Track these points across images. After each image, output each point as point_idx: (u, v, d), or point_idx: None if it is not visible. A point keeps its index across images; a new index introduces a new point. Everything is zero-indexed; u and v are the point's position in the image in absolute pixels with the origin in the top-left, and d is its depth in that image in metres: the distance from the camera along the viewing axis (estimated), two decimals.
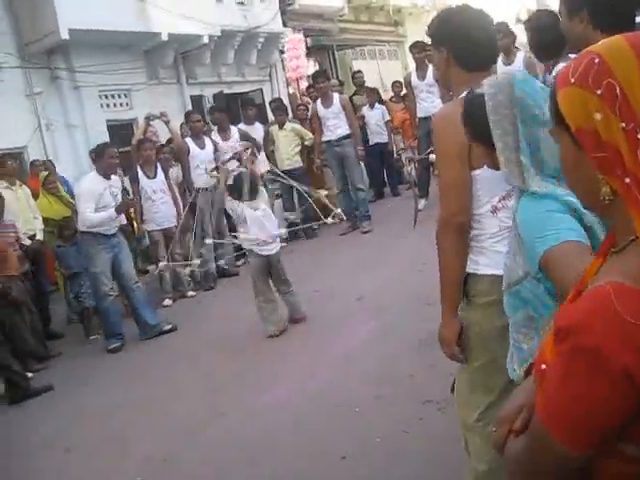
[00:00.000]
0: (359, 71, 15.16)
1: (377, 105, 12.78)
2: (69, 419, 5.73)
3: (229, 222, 9.20)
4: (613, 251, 1.24)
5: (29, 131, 11.31)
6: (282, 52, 16.45)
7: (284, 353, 6.17)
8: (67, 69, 11.81)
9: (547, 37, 4.14)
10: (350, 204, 10.66)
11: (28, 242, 7.97)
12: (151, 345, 7.33)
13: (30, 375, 6.73)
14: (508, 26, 7.82)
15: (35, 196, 8.69)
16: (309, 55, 16.92)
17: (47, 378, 6.72)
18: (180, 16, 12.57)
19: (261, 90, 16.03)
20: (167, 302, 8.79)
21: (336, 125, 10.34)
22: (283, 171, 10.76)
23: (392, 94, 14.33)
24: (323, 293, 7.58)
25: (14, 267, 7.11)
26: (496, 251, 2.55)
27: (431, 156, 7.02)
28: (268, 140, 10.77)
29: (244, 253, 7.64)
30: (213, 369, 6.17)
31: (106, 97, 12.67)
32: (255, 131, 10.52)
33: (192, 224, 8.41)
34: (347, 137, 10.37)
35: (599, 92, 1.14)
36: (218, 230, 9.35)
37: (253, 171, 7.07)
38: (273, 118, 11.65)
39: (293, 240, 9.24)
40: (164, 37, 12.77)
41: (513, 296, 2.14)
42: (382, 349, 5.64)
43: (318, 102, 10.60)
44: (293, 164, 10.81)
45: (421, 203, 9.55)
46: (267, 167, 10.19)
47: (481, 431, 2.71)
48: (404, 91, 12.33)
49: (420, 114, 10.36)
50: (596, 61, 1.16)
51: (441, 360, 3.01)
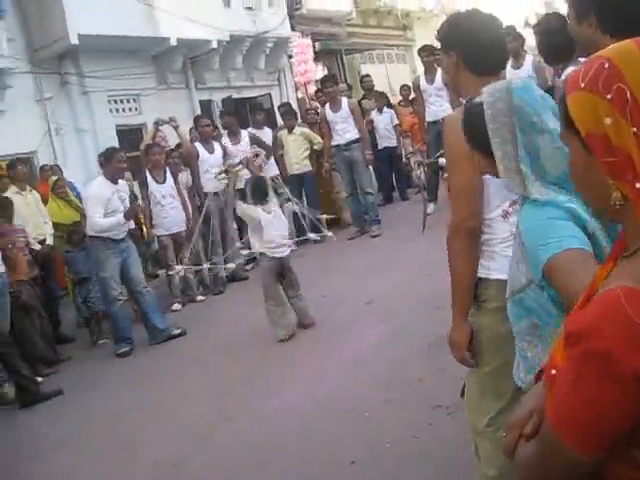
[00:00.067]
0: (367, 75, 15.16)
1: (385, 109, 12.77)
2: (78, 423, 5.74)
3: (240, 227, 9.24)
4: (624, 255, 1.24)
5: (39, 136, 11.34)
6: (290, 57, 16.47)
7: (293, 358, 6.17)
8: (77, 74, 11.85)
9: (556, 41, 4.12)
10: (359, 208, 10.68)
11: (38, 247, 8.00)
12: (160, 349, 7.34)
13: (40, 379, 6.75)
14: (516, 30, 7.81)
15: (44, 201, 8.72)
16: (317, 59, 16.93)
17: (57, 382, 6.74)
18: (189, 21, 12.59)
19: (270, 95, 16.03)
20: (176, 306, 8.79)
21: (345, 129, 10.34)
22: (292, 175, 10.82)
23: (400, 98, 14.33)
24: (332, 297, 7.57)
25: (24, 272, 7.16)
26: (507, 256, 2.53)
27: (440, 160, 7.02)
28: (277, 145, 10.79)
29: (254, 257, 7.64)
30: (222, 373, 6.17)
31: (115, 102, 12.70)
32: (264, 136, 10.52)
33: (202, 228, 8.43)
34: (356, 141, 10.37)
35: (609, 97, 1.13)
36: (227, 234, 9.37)
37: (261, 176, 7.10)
38: (282, 123, 11.68)
39: (302, 244, 9.20)
40: (173, 42, 12.78)
41: (517, 304, 2.12)
42: (391, 353, 5.63)
43: (327, 106, 10.61)
44: (302, 168, 10.86)
45: (430, 207, 9.52)
46: (276, 171, 10.22)
47: (491, 436, 2.70)
48: (412, 95, 12.34)
49: (429, 118, 10.36)
50: (606, 66, 1.15)
51: (451, 364, 3.00)
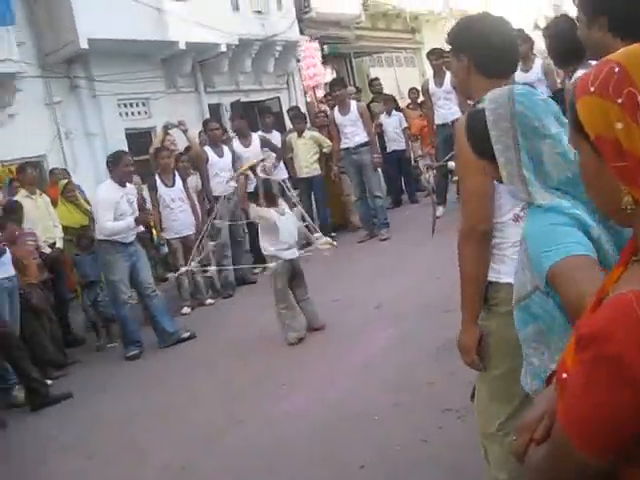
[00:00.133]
0: (376, 78, 15.14)
1: (394, 112, 12.76)
2: (88, 426, 5.75)
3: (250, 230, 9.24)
4: (634, 259, 1.23)
5: (49, 140, 11.38)
6: (299, 60, 16.48)
7: (302, 361, 6.16)
8: (86, 78, 11.89)
9: (566, 44, 4.10)
10: (368, 211, 10.67)
11: (48, 250, 8.02)
12: (169, 353, 7.35)
13: (49, 382, 6.75)
14: (525, 33, 7.81)
15: (54, 204, 8.74)
16: (326, 63, 16.94)
17: (66, 385, 6.76)
18: (198, 25, 12.62)
19: (278, 98, 16.05)
20: (185, 310, 8.80)
21: (354, 132, 10.34)
22: (302, 179, 10.83)
23: (409, 101, 14.33)
24: (342, 301, 7.56)
25: (34, 275, 7.19)
26: None
27: (449, 163, 7.01)
28: (286, 148, 10.80)
29: (263, 260, 7.63)
30: (231, 377, 6.17)
31: (125, 106, 12.75)
32: (273, 139, 10.54)
33: (211, 231, 8.44)
34: (365, 144, 10.36)
35: (620, 101, 1.13)
36: (237, 237, 9.39)
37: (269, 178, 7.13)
38: (291, 126, 11.68)
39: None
40: (182, 46, 12.81)
41: (523, 311, 2.11)
42: (401, 357, 5.62)
43: (335, 110, 10.62)
44: (312, 172, 10.86)
45: (439, 210, 9.51)
46: (286, 174, 10.24)
47: (501, 440, 2.69)
48: (421, 98, 12.33)
49: (438, 121, 10.36)
50: (616, 70, 1.15)
51: (460, 368, 2.99)
